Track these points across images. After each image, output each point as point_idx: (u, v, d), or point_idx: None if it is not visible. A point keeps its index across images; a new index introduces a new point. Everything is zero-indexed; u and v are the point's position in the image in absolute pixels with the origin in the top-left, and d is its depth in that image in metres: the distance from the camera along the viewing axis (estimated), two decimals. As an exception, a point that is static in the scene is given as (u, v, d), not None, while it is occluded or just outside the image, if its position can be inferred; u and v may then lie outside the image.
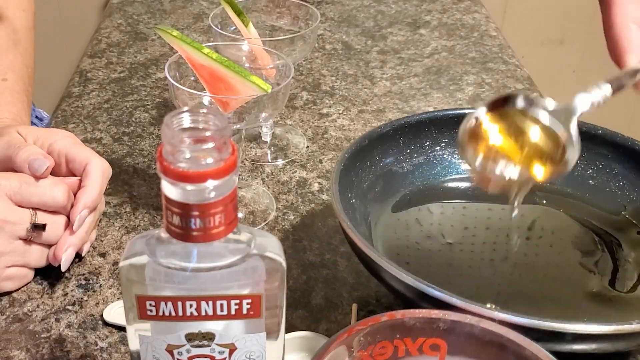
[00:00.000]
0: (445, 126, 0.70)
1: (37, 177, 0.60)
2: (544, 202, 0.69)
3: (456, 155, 0.71)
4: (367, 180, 0.67)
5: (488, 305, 0.53)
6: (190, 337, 0.41)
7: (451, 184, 0.71)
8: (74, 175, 0.64)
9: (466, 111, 0.71)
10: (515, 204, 0.53)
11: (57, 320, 0.60)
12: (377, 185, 0.68)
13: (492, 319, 0.42)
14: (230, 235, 0.38)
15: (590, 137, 0.68)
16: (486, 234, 0.66)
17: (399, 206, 0.68)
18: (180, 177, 0.36)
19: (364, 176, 0.67)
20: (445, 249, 0.64)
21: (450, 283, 0.60)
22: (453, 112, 0.71)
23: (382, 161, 0.69)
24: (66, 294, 0.62)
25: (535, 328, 0.46)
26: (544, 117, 0.49)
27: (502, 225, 0.67)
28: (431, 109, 0.91)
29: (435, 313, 0.41)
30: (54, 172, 0.63)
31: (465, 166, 0.71)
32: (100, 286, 0.63)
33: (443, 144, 0.71)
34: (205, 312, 0.40)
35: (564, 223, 0.67)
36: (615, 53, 0.51)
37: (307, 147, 0.83)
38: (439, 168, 0.71)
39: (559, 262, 0.64)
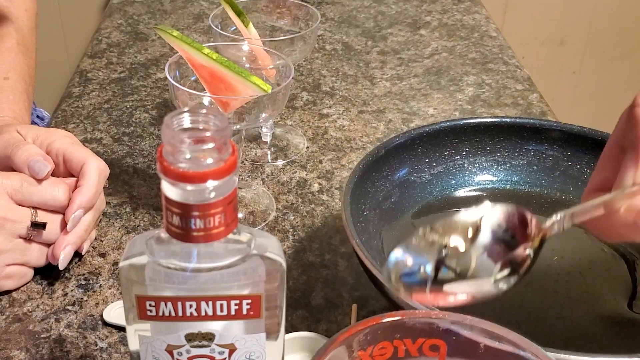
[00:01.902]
0: (466, 135, 0.69)
1: (38, 180, 0.61)
2: None
3: (477, 164, 0.70)
4: (383, 190, 0.66)
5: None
6: (190, 338, 0.41)
7: (471, 194, 0.70)
8: (72, 175, 0.64)
9: (488, 119, 0.70)
10: None
11: (57, 320, 0.60)
12: (393, 196, 0.67)
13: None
14: (230, 236, 0.38)
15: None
16: None
17: (416, 216, 0.67)
18: (180, 178, 0.36)
19: (380, 186, 0.65)
20: None
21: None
22: (474, 120, 0.70)
23: (400, 171, 0.67)
24: (66, 294, 0.62)
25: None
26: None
27: None
28: (431, 110, 0.91)
29: (435, 314, 0.41)
30: (52, 172, 0.63)
31: (484, 176, 0.70)
32: (100, 286, 0.63)
33: (464, 153, 0.70)
34: (205, 312, 0.40)
35: (584, 239, 0.65)
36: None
37: (307, 147, 0.83)
38: (458, 177, 0.70)
39: (575, 280, 0.62)
